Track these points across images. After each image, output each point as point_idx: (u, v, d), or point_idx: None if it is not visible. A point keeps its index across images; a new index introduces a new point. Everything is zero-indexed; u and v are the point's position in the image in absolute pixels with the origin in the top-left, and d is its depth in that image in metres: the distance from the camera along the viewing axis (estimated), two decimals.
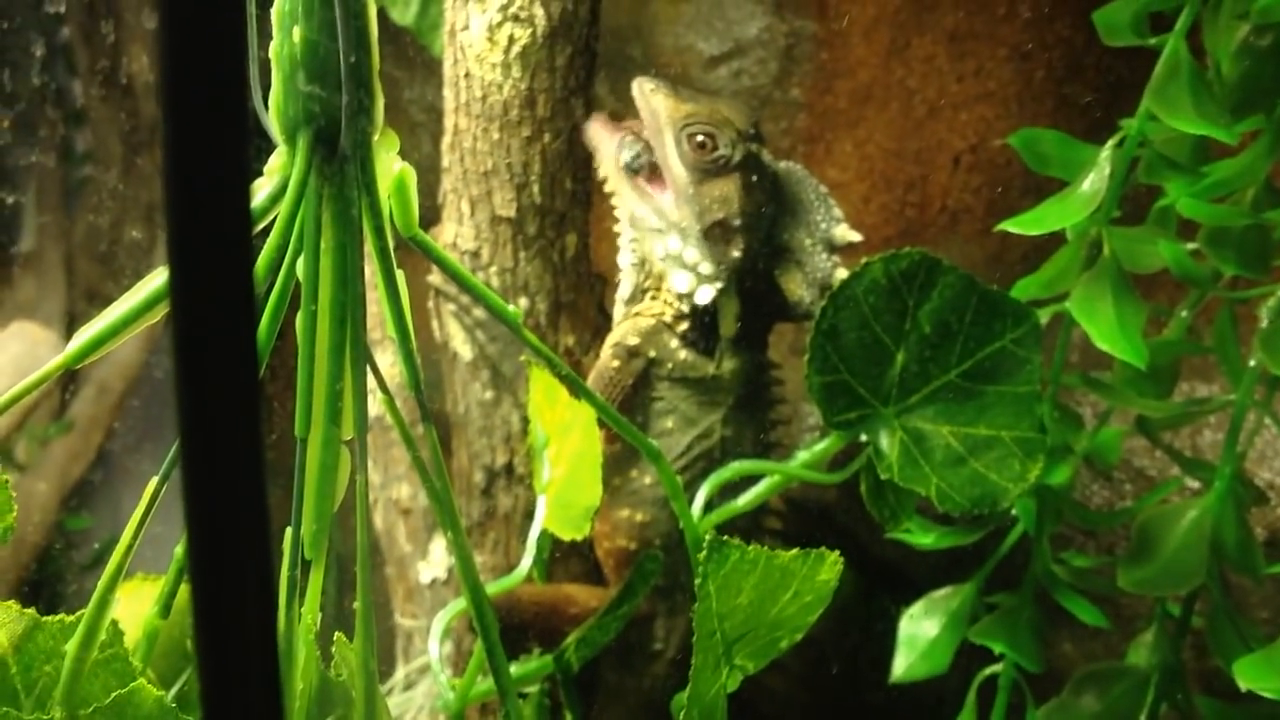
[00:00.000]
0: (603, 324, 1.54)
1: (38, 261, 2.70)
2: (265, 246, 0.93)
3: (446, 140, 1.48)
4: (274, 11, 0.90)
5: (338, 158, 0.92)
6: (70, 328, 2.67)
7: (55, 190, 2.77)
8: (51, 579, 2.64)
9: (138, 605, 1.08)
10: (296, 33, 0.89)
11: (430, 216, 1.49)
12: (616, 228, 1.50)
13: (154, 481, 0.96)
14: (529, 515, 1.51)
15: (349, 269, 0.94)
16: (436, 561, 1.63)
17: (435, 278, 1.51)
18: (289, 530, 0.96)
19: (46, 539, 2.50)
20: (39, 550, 2.47)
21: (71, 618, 0.98)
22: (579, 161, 1.48)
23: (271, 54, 0.91)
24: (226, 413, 0.63)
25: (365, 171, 0.92)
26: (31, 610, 0.98)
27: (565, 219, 1.48)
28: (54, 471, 2.50)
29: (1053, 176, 1.40)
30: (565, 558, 1.53)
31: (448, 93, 1.47)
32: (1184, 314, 1.42)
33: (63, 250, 2.73)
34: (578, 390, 1.17)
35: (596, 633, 1.34)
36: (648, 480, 1.46)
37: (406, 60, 2.28)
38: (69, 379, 2.47)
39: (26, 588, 2.49)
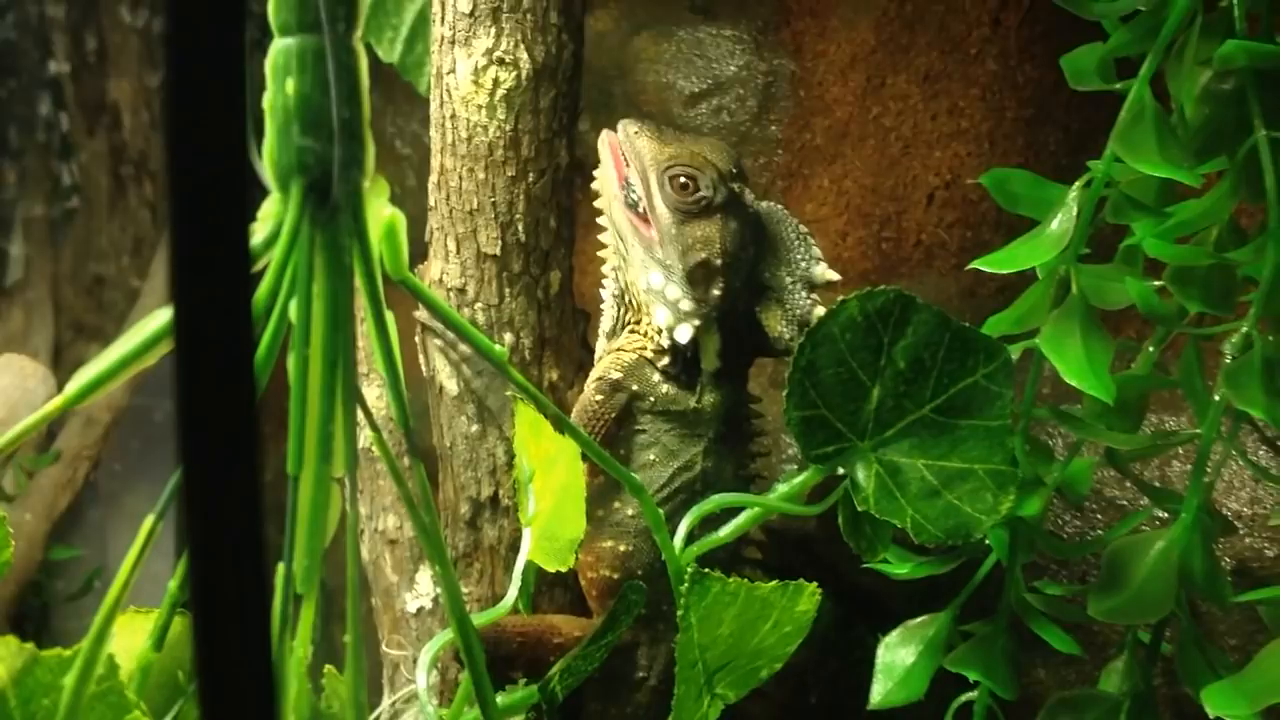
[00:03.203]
0: (586, 358, 1.58)
1: (25, 293, 2.73)
2: (258, 290, 0.96)
3: (433, 179, 1.51)
4: (268, 63, 0.92)
5: (330, 205, 0.95)
6: (58, 359, 2.69)
7: (42, 222, 2.79)
8: (39, 609, 2.66)
9: (131, 638, 1.10)
10: (290, 84, 0.92)
11: (417, 252, 1.52)
12: (603, 253, 1.54)
13: (151, 519, 0.99)
14: (514, 547, 1.54)
15: (340, 313, 0.97)
16: (423, 591, 1.65)
17: (422, 313, 1.54)
18: (280, 565, 0.98)
19: (33, 569, 2.52)
20: (26, 581, 2.49)
21: (69, 652, 1.01)
22: (562, 200, 1.52)
23: (265, 104, 0.94)
24: (226, 449, 0.66)
25: (357, 219, 0.95)
26: (30, 645, 1.01)
27: (549, 256, 1.51)
28: (41, 502, 2.51)
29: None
30: (550, 588, 1.56)
31: (434, 134, 1.50)
32: (1151, 349, 1.45)
33: (50, 282, 2.75)
34: (562, 426, 1.20)
35: (581, 662, 1.37)
36: (630, 511, 1.49)
37: (392, 95, 2.31)
38: None
39: (13, 617, 2.51)
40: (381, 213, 1.00)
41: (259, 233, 0.95)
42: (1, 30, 2.77)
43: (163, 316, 0.97)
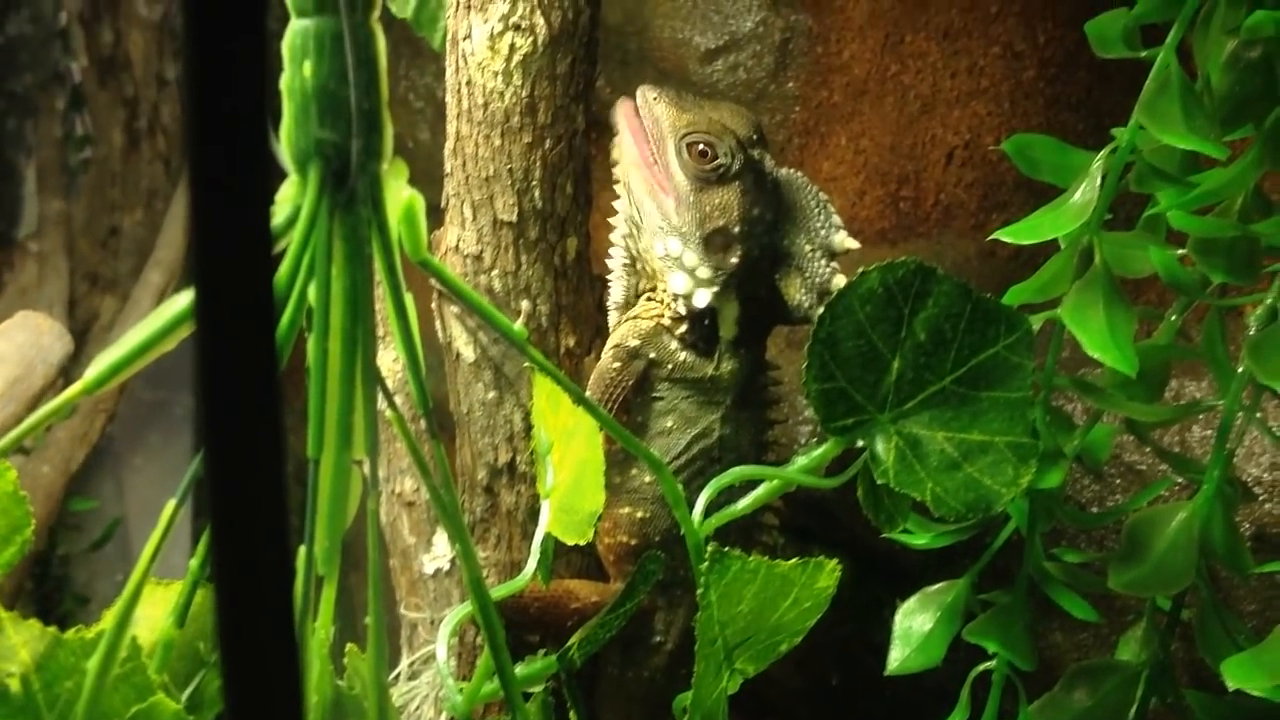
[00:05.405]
0: (602, 324, 1.57)
1: (39, 245, 2.72)
2: (277, 273, 0.95)
3: (449, 146, 1.50)
4: (285, 45, 0.91)
5: (348, 188, 0.94)
6: (72, 311, 2.69)
7: (56, 174, 2.79)
8: (57, 560, 2.68)
9: (149, 609, 1.11)
10: (307, 67, 0.91)
11: (431, 208, 1.51)
12: (612, 220, 1.53)
13: (171, 504, 0.99)
14: (531, 512, 1.54)
15: (359, 296, 0.96)
16: (440, 554, 1.66)
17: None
18: (302, 548, 0.98)
19: (51, 521, 2.53)
20: (44, 533, 2.51)
21: (91, 634, 1.01)
22: (579, 167, 1.51)
23: (283, 87, 0.92)
24: (249, 426, 0.65)
25: (376, 203, 0.95)
26: (53, 629, 1.01)
27: (566, 223, 1.50)
28: (58, 455, 2.53)
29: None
30: (566, 552, 1.56)
31: (450, 99, 1.49)
32: (1174, 318, 1.44)
33: (64, 234, 2.75)
34: (582, 402, 1.20)
35: (600, 631, 1.37)
36: (648, 478, 1.49)
37: (406, 48, 2.30)
38: (72, 364, 2.50)
39: (34, 570, 2.53)
40: (400, 194, 0.99)
41: (277, 215, 0.95)
42: None
43: (181, 301, 0.96)
